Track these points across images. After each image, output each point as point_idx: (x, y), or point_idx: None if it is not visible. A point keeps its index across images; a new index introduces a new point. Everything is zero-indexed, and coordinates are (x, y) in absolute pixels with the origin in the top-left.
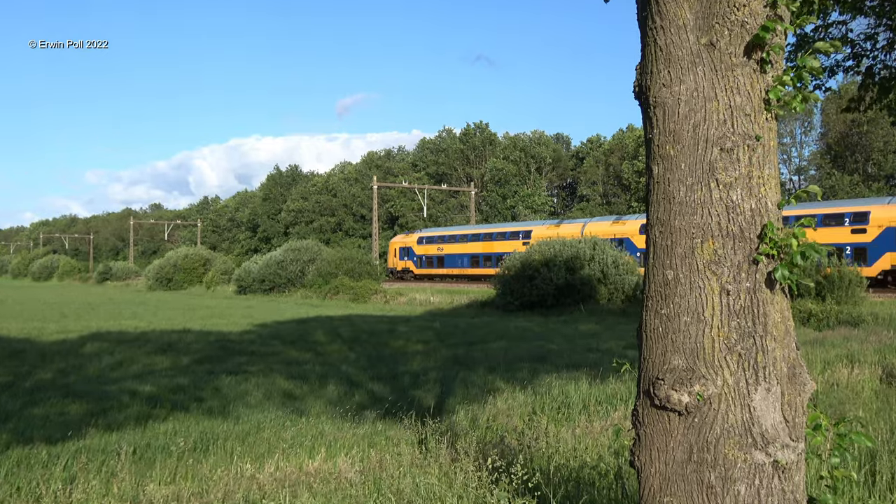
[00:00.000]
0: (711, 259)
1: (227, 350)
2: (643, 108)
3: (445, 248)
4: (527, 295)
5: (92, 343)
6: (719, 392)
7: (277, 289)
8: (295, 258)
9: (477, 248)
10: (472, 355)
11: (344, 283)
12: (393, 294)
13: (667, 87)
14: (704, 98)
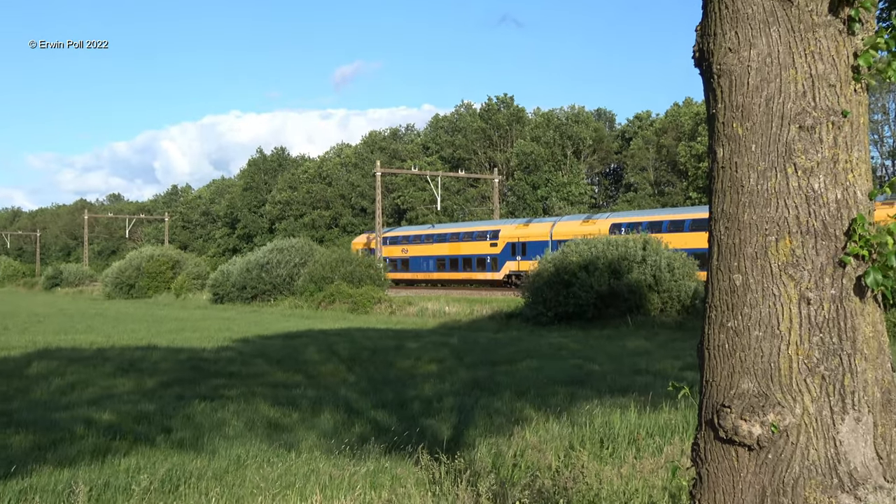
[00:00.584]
0: (788, 261)
1: (200, 371)
2: (705, 77)
3: (410, 249)
4: (562, 304)
5: (39, 362)
6: (798, 422)
7: (261, 297)
8: (282, 260)
9: (443, 250)
10: (495, 378)
11: (341, 289)
12: (400, 303)
13: (734, 51)
14: (780, 65)
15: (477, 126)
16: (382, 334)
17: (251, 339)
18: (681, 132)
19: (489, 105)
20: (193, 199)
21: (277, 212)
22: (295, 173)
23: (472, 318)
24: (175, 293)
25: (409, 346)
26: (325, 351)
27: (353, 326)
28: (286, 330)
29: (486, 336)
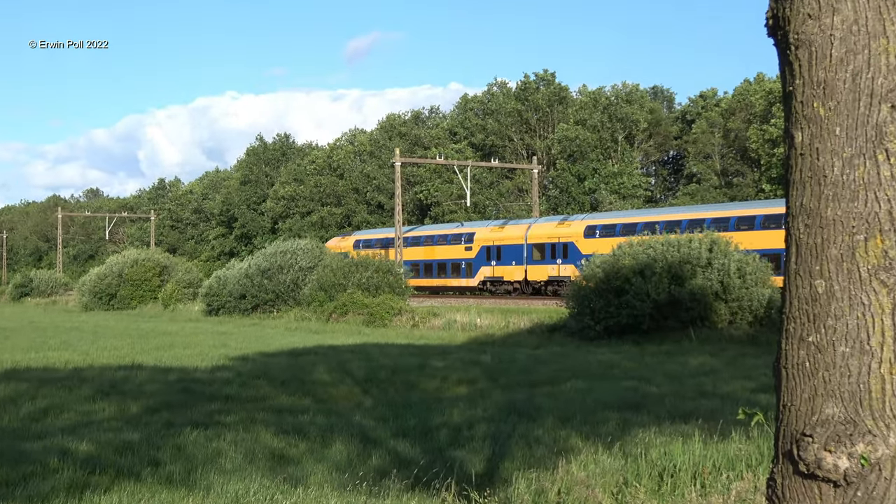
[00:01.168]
0: (879, 263)
1: (192, 393)
2: (780, 49)
3: (385, 254)
4: (613, 315)
5: (7, 384)
6: (892, 454)
7: (262, 307)
8: (286, 264)
9: (418, 255)
10: (535, 401)
11: (355, 299)
12: (424, 314)
13: (814, 18)
14: (868, 34)
15: (512, 108)
16: (403, 351)
17: (251, 356)
18: (751, 113)
19: (526, 83)
20: (184, 195)
21: (281, 209)
22: (301, 164)
23: (507, 331)
24: (163, 304)
25: (435, 364)
26: (337, 370)
27: (370, 342)
28: (291, 346)
29: (525, 352)
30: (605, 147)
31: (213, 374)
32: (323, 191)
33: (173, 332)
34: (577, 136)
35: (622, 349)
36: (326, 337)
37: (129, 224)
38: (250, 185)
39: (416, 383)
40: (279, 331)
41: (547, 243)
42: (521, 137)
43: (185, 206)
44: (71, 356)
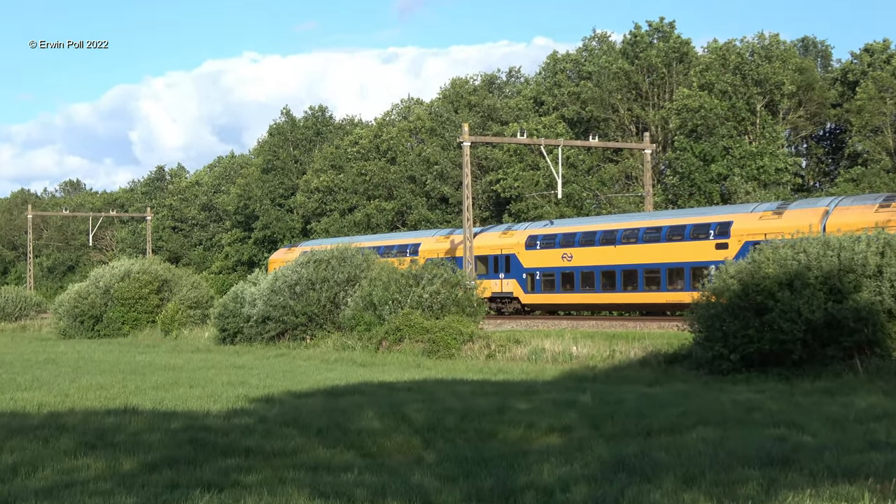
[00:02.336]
0: None
1: (202, 446)
2: None
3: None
4: (753, 341)
5: None
6: None
7: (291, 333)
8: (321, 277)
9: None
10: (651, 455)
11: (413, 321)
12: (502, 341)
13: None
14: None
15: (617, 69)
16: (477, 389)
17: (278, 397)
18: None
19: (636, 36)
20: (189, 188)
21: (314, 204)
22: (340, 145)
23: (612, 362)
24: (163, 329)
25: (518, 406)
26: (390, 415)
27: (432, 377)
28: (330, 383)
29: (636, 390)
30: (740, 119)
31: (229, 420)
32: (369, 180)
33: (177, 366)
34: (701, 104)
35: (765, 385)
36: (375, 371)
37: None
38: (275, 173)
39: (494, 432)
40: (314, 363)
41: (490, 255)
42: (628, 108)
43: (191, 201)
44: (46, 398)
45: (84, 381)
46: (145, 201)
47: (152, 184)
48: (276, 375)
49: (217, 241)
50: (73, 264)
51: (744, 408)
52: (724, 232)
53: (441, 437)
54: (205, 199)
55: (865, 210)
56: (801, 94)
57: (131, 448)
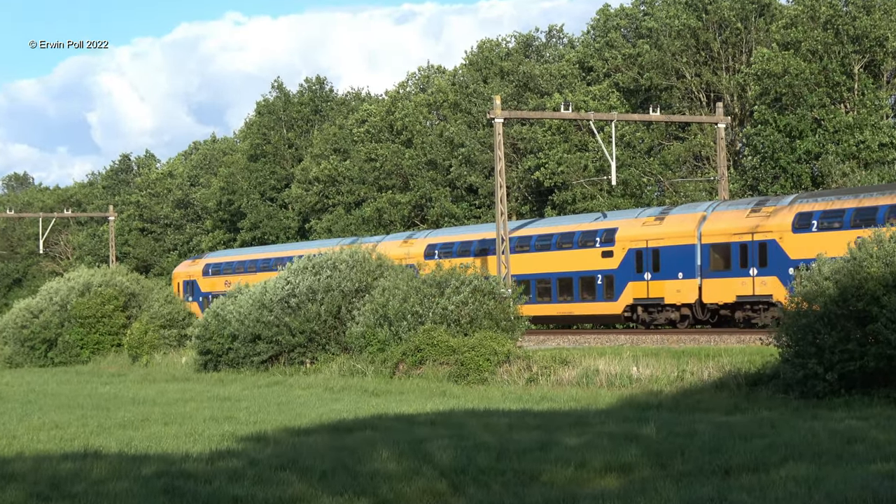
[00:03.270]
0: None
1: (181, 496)
2: None
3: (233, 281)
4: (854, 357)
5: None
6: None
7: (287, 356)
8: (323, 287)
9: None
10: (730, 498)
11: (436, 340)
12: (546, 361)
13: None
14: None
15: (682, 25)
16: (515, 421)
17: (272, 435)
18: None
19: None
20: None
21: (313, 198)
22: (344, 125)
23: (682, 385)
24: (131, 353)
25: (567, 441)
26: (410, 455)
27: (461, 407)
28: (335, 417)
29: (711, 420)
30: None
31: (213, 464)
32: (380, 167)
33: (148, 399)
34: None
35: (869, 411)
36: (391, 401)
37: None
38: (265, 161)
39: (537, 473)
40: (316, 392)
41: None
42: (696, 73)
43: (163, 197)
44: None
45: (35, 420)
46: (107, 198)
47: (115, 176)
48: (269, 408)
49: (195, 245)
50: (20, 276)
51: (843, 439)
52: (609, 239)
53: (473, 480)
54: (179, 194)
55: (738, 215)
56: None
57: (93, 500)
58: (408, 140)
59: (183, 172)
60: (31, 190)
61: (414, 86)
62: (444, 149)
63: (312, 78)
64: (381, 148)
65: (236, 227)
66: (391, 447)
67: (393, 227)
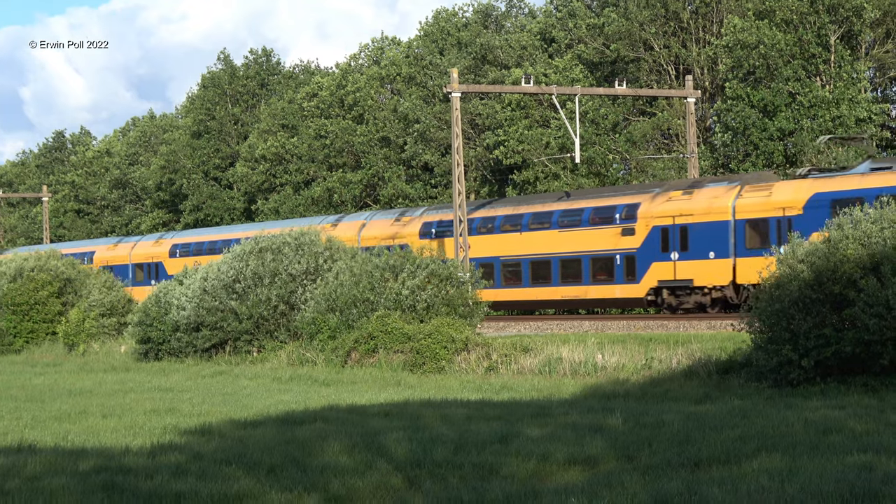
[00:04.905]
0: None
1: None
2: None
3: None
4: (830, 342)
5: None
6: None
7: (232, 344)
8: (270, 270)
9: None
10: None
11: (390, 327)
12: (506, 349)
13: None
14: None
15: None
16: (474, 412)
17: (216, 427)
18: None
19: None
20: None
21: (259, 177)
22: (293, 100)
23: (649, 374)
24: (66, 342)
25: (528, 433)
26: (363, 448)
27: (417, 398)
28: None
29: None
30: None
31: (154, 458)
32: (330, 144)
33: (86, 390)
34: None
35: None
36: (343, 392)
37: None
38: (209, 137)
39: (497, 467)
40: (263, 383)
41: (144, 263)
42: (665, 45)
43: (100, 176)
44: None
45: None
46: (41, 178)
47: (49, 154)
48: (213, 399)
49: (134, 228)
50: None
51: (819, 429)
52: None
53: (429, 474)
54: (117, 174)
55: (385, 224)
56: (889, 21)
57: (28, 497)
58: (359, 115)
59: (121, 150)
60: None
61: (366, 58)
62: (398, 125)
63: (258, 50)
64: (331, 124)
65: (178, 209)
66: (343, 440)
67: (343, 208)
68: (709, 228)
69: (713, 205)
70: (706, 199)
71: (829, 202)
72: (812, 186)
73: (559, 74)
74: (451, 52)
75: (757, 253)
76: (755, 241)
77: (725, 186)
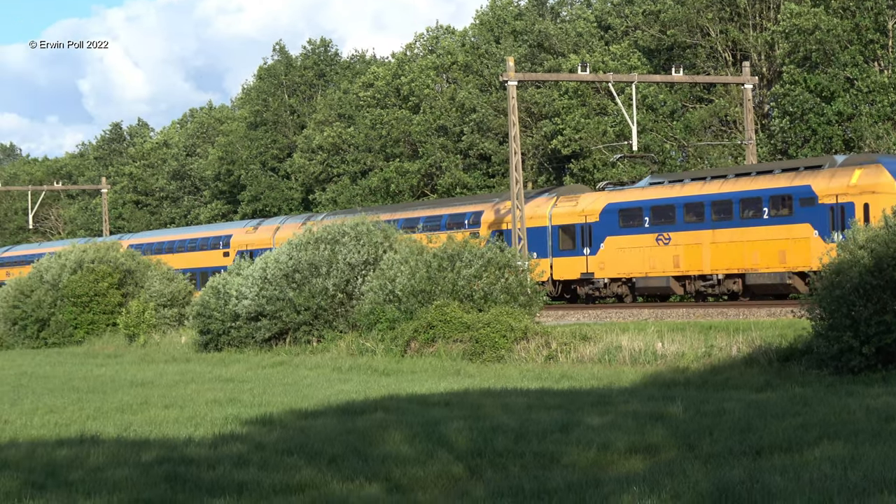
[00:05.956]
0: None
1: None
2: None
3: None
4: (891, 329)
5: None
6: None
7: (292, 334)
8: (327, 260)
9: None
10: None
11: (449, 316)
12: (566, 338)
13: None
14: None
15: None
16: (534, 401)
17: (278, 417)
18: None
19: None
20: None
21: (317, 167)
22: (349, 90)
23: (709, 362)
24: (127, 334)
25: (589, 422)
26: (423, 437)
27: (476, 387)
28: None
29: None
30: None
31: (216, 448)
32: (387, 134)
33: (147, 381)
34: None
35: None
36: (403, 381)
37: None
38: (266, 129)
39: (558, 455)
40: (323, 373)
41: None
42: (722, 30)
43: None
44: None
45: (28, 404)
46: (99, 169)
47: (108, 146)
48: (274, 390)
49: (193, 219)
50: None
51: (881, 416)
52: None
53: (490, 463)
54: (175, 165)
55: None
56: None
57: (91, 488)
58: (416, 105)
59: (178, 142)
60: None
61: (422, 48)
62: (455, 114)
63: (316, 40)
64: (387, 114)
65: (236, 200)
66: (404, 429)
67: (401, 198)
68: (533, 233)
69: (536, 213)
70: (531, 209)
71: (618, 210)
72: (607, 198)
73: (616, 62)
74: (507, 41)
75: (568, 254)
76: (567, 244)
77: (546, 197)
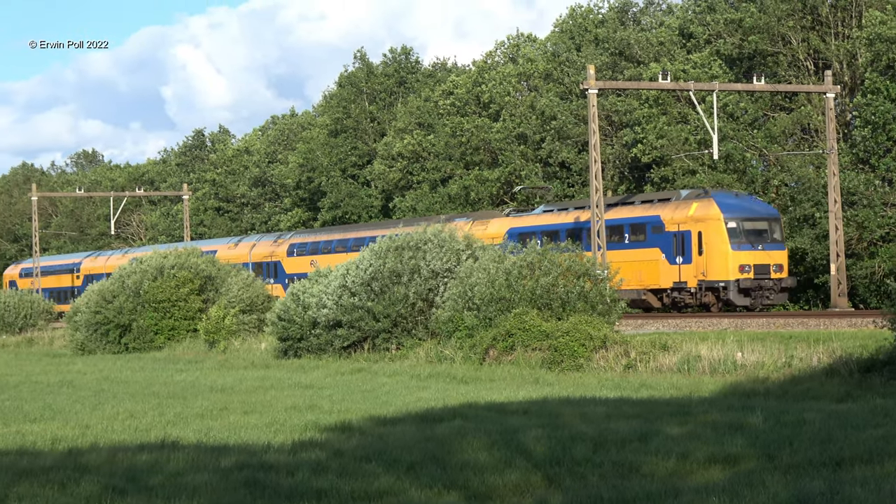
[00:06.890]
0: None
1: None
2: None
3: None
4: None
5: None
6: None
7: (371, 342)
8: (408, 268)
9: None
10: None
11: (528, 325)
12: (645, 347)
13: None
14: None
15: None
16: (613, 410)
17: (357, 424)
18: None
19: None
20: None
21: (397, 175)
22: (430, 98)
23: (789, 372)
24: (207, 339)
25: (668, 431)
26: (502, 445)
27: (555, 395)
28: (423, 406)
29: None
30: None
31: (295, 455)
32: (467, 142)
33: (227, 387)
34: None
35: None
36: (481, 389)
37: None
38: (346, 136)
39: (637, 465)
40: (401, 380)
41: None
42: (804, 38)
43: (240, 174)
44: (61, 431)
45: (109, 409)
46: (181, 176)
47: (190, 153)
48: (353, 397)
49: (274, 225)
50: None
51: None
52: None
53: (569, 472)
54: (257, 172)
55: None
56: None
57: (171, 493)
58: (496, 113)
59: (260, 149)
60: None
61: (502, 55)
62: (535, 122)
63: (397, 48)
64: (467, 121)
65: (316, 206)
66: (482, 437)
67: (480, 205)
68: None
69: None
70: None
71: (517, 234)
72: (510, 222)
73: (697, 70)
74: (588, 49)
75: None
76: None
77: (464, 221)
